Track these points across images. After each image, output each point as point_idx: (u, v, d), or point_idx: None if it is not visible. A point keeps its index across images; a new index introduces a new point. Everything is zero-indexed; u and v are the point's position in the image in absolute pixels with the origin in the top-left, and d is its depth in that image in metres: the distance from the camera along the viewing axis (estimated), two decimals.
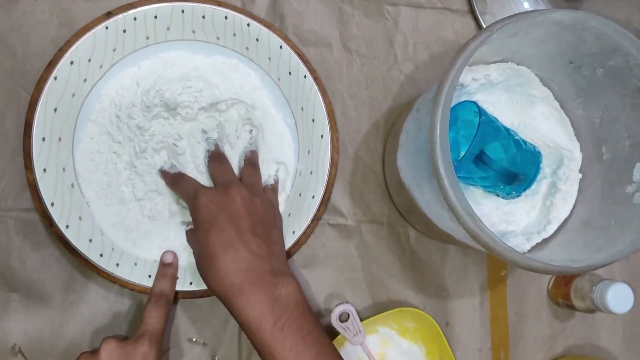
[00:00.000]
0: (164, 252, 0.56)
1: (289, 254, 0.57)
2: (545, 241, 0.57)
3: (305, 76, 0.58)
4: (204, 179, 0.57)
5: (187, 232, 0.57)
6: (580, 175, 0.59)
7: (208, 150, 0.57)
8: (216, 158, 0.56)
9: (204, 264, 0.49)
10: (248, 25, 0.57)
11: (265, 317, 0.45)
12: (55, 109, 0.52)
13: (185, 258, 0.56)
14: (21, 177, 0.55)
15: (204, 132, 0.57)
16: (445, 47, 0.68)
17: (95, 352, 0.49)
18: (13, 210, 0.56)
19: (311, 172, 0.59)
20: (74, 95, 0.53)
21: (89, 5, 0.58)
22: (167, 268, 0.55)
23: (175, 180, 0.55)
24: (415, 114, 0.54)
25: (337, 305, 0.58)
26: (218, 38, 0.58)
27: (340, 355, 0.48)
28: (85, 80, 0.54)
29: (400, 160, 0.57)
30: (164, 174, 0.56)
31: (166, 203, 0.57)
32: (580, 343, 0.68)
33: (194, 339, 0.59)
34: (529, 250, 0.56)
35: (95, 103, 0.55)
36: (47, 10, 0.58)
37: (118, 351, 0.48)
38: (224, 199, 0.50)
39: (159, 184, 0.56)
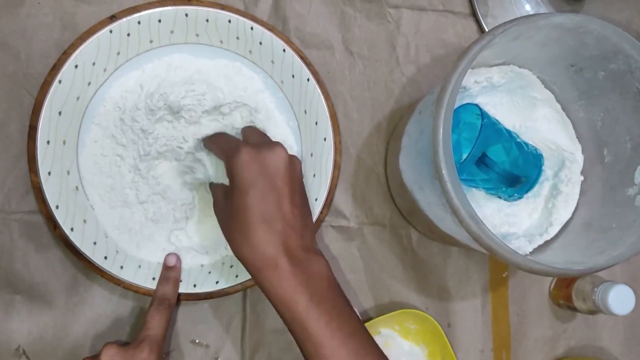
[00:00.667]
0: (167, 255, 0.56)
1: None
2: (547, 243, 0.58)
3: (308, 79, 0.58)
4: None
5: (215, 187, 0.53)
6: (581, 178, 0.59)
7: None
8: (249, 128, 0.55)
9: (234, 228, 0.46)
10: (251, 28, 0.57)
11: (301, 292, 0.44)
12: (59, 113, 0.52)
13: (189, 260, 0.57)
14: (25, 180, 0.55)
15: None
16: (447, 49, 0.68)
17: (96, 356, 0.49)
18: (17, 213, 0.56)
19: (314, 175, 0.59)
20: (78, 98, 0.53)
21: (92, 9, 0.58)
22: (170, 271, 0.55)
23: (215, 138, 0.53)
24: (418, 116, 0.54)
25: None
26: (221, 41, 0.58)
27: (370, 335, 0.47)
28: (89, 83, 0.54)
29: (403, 163, 0.57)
30: (205, 139, 0.54)
31: (170, 207, 0.57)
32: (582, 344, 0.68)
33: (196, 341, 0.59)
34: (530, 253, 0.57)
35: (99, 106, 0.55)
36: (51, 13, 0.58)
37: (119, 356, 0.48)
38: (267, 158, 0.46)
39: (162, 187, 0.56)
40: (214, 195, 0.52)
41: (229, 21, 0.57)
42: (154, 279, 0.54)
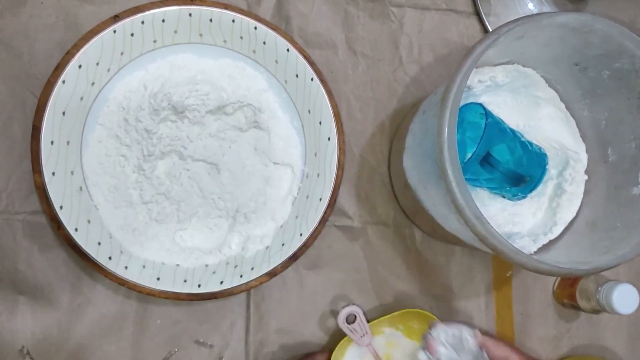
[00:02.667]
0: None
1: (296, 256, 0.57)
2: (551, 242, 0.58)
3: (312, 79, 0.58)
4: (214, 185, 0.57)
5: None
6: (586, 177, 0.59)
7: None
8: None
9: None
10: (255, 28, 0.57)
11: None
12: (63, 113, 0.52)
13: (193, 260, 0.57)
14: (28, 180, 0.55)
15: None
16: (450, 48, 0.68)
17: None
18: (20, 213, 0.56)
19: (318, 175, 0.59)
20: (82, 98, 0.53)
21: (94, 9, 0.58)
22: None
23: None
24: (422, 116, 0.54)
25: (344, 307, 0.58)
26: (225, 41, 0.58)
27: None
28: (93, 83, 0.54)
29: (407, 162, 0.57)
30: None
31: (174, 207, 0.57)
32: (586, 343, 0.68)
33: (200, 341, 0.59)
34: (535, 252, 0.57)
35: (103, 106, 0.55)
36: (54, 13, 0.58)
37: None
38: None
39: (166, 187, 0.56)
40: None
41: (233, 21, 0.57)
42: (158, 279, 0.54)
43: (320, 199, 0.58)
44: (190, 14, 0.56)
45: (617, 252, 0.50)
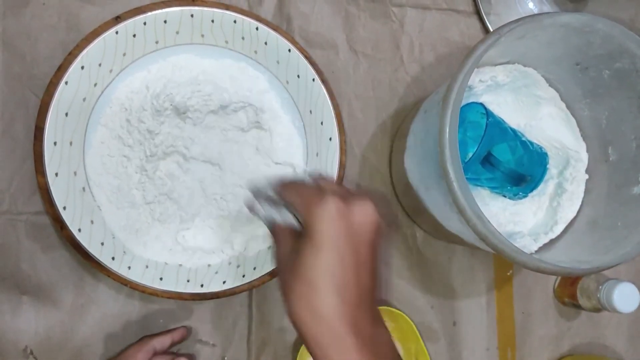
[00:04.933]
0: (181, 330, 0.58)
1: None
2: (552, 242, 0.58)
3: (313, 79, 0.58)
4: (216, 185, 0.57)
5: (281, 230, 0.44)
6: (586, 176, 0.59)
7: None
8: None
9: (297, 288, 0.38)
10: (257, 29, 0.57)
11: None
12: (66, 114, 0.52)
13: (196, 260, 0.57)
14: (31, 181, 0.55)
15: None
16: (450, 48, 0.68)
17: None
18: (23, 214, 0.56)
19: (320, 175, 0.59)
20: (84, 99, 0.53)
21: (96, 10, 0.58)
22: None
23: (293, 185, 0.45)
24: (423, 115, 0.55)
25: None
26: (227, 42, 0.58)
27: None
28: (95, 84, 0.54)
29: (408, 162, 0.57)
30: (279, 185, 0.46)
31: (176, 207, 0.57)
32: (586, 342, 0.68)
33: (203, 340, 0.59)
34: (536, 251, 0.57)
35: (105, 107, 0.55)
36: (55, 14, 0.58)
37: None
38: (356, 216, 0.39)
39: (168, 187, 0.57)
40: (276, 237, 0.45)
41: (234, 21, 0.57)
42: (161, 279, 0.55)
43: None
44: (191, 15, 0.56)
45: (618, 251, 0.50)
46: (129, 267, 0.54)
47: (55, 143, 0.52)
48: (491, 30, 0.64)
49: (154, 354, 0.55)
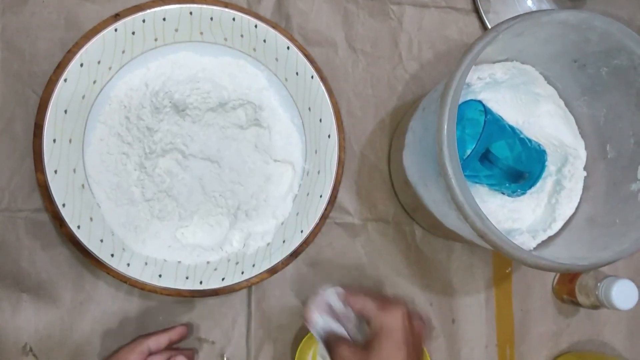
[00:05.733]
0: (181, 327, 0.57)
1: (297, 252, 0.57)
2: (551, 239, 0.58)
3: (312, 77, 0.59)
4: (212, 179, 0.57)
5: (336, 338, 0.49)
6: (584, 173, 0.59)
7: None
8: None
9: None
10: (255, 26, 0.57)
11: None
12: (65, 111, 0.52)
13: (195, 257, 0.57)
14: (30, 178, 0.56)
15: None
16: (449, 45, 0.68)
17: None
18: (23, 211, 0.56)
19: (319, 172, 0.59)
20: (83, 97, 0.54)
21: (96, 7, 0.59)
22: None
23: (359, 294, 0.50)
24: (421, 113, 0.55)
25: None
26: (226, 39, 0.58)
27: None
28: (94, 82, 0.54)
29: (407, 160, 0.58)
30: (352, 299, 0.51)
31: (175, 204, 0.57)
32: (585, 339, 0.68)
33: (202, 337, 0.60)
34: (534, 248, 0.57)
35: (104, 105, 0.55)
36: (55, 12, 0.58)
37: None
38: (414, 328, 0.48)
39: (167, 185, 0.57)
40: (333, 345, 0.49)
41: (233, 19, 0.57)
42: (160, 276, 0.55)
43: (321, 196, 0.58)
44: (190, 13, 0.56)
45: (616, 247, 0.50)
46: (128, 264, 0.54)
47: (54, 140, 0.52)
48: (489, 28, 0.64)
49: (149, 354, 0.54)
